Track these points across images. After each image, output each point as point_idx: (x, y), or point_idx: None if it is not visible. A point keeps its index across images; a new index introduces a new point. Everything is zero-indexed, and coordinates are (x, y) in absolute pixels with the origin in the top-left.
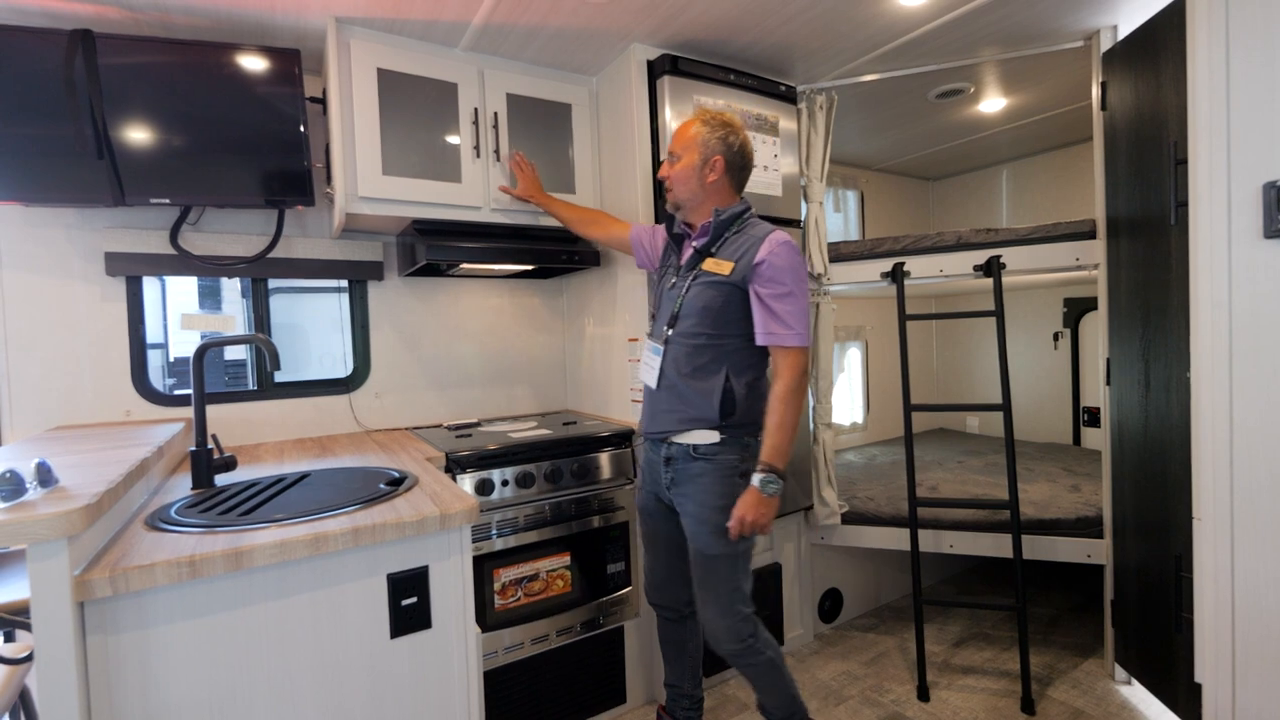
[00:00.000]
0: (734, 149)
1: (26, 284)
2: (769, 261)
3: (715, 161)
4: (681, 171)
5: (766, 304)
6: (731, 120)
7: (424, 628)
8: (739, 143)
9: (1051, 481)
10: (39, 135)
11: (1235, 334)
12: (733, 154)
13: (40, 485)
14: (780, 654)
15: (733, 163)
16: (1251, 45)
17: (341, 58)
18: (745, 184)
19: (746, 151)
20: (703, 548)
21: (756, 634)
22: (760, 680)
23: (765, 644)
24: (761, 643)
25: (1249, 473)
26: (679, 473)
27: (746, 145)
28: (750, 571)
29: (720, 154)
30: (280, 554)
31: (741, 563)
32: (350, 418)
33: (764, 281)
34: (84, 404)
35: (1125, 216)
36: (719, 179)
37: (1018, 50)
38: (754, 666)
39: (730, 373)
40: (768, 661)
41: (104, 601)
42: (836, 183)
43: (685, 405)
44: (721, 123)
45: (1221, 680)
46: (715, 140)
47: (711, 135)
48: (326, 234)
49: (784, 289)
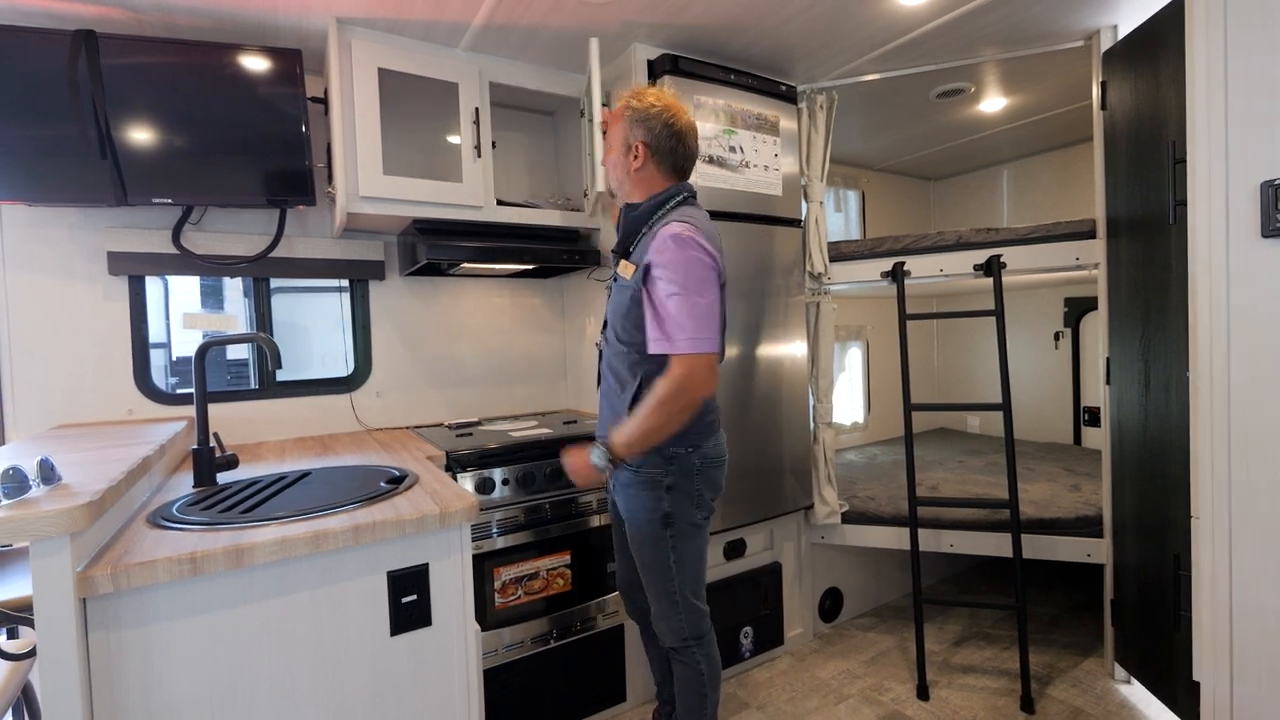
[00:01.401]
0: (655, 129)
1: (30, 283)
2: (654, 262)
3: (636, 148)
4: (610, 161)
5: (654, 307)
6: (658, 100)
7: (424, 625)
8: (662, 123)
9: (1052, 481)
10: (42, 135)
11: (1233, 333)
12: (655, 136)
13: (43, 483)
14: (715, 680)
15: (658, 146)
16: (1250, 45)
17: (343, 58)
18: (685, 165)
19: (675, 127)
20: (640, 557)
21: (700, 640)
22: (685, 688)
23: (705, 657)
24: (702, 653)
25: (1247, 472)
26: (616, 480)
27: (676, 123)
28: (696, 575)
29: (640, 140)
30: (281, 551)
31: (679, 569)
32: (351, 416)
33: (651, 284)
34: (87, 403)
35: (1125, 216)
36: (644, 165)
37: (1018, 50)
38: (687, 668)
39: (645, 381)
40: (697, 674)
41: (106, 598)
42: (837, 182)
43: (613, 413)
44: (646, 104)
45: (1219, 678)
46: (634, 122)
47: (632, 120)
48: (328, 233)
49: (669, 290)
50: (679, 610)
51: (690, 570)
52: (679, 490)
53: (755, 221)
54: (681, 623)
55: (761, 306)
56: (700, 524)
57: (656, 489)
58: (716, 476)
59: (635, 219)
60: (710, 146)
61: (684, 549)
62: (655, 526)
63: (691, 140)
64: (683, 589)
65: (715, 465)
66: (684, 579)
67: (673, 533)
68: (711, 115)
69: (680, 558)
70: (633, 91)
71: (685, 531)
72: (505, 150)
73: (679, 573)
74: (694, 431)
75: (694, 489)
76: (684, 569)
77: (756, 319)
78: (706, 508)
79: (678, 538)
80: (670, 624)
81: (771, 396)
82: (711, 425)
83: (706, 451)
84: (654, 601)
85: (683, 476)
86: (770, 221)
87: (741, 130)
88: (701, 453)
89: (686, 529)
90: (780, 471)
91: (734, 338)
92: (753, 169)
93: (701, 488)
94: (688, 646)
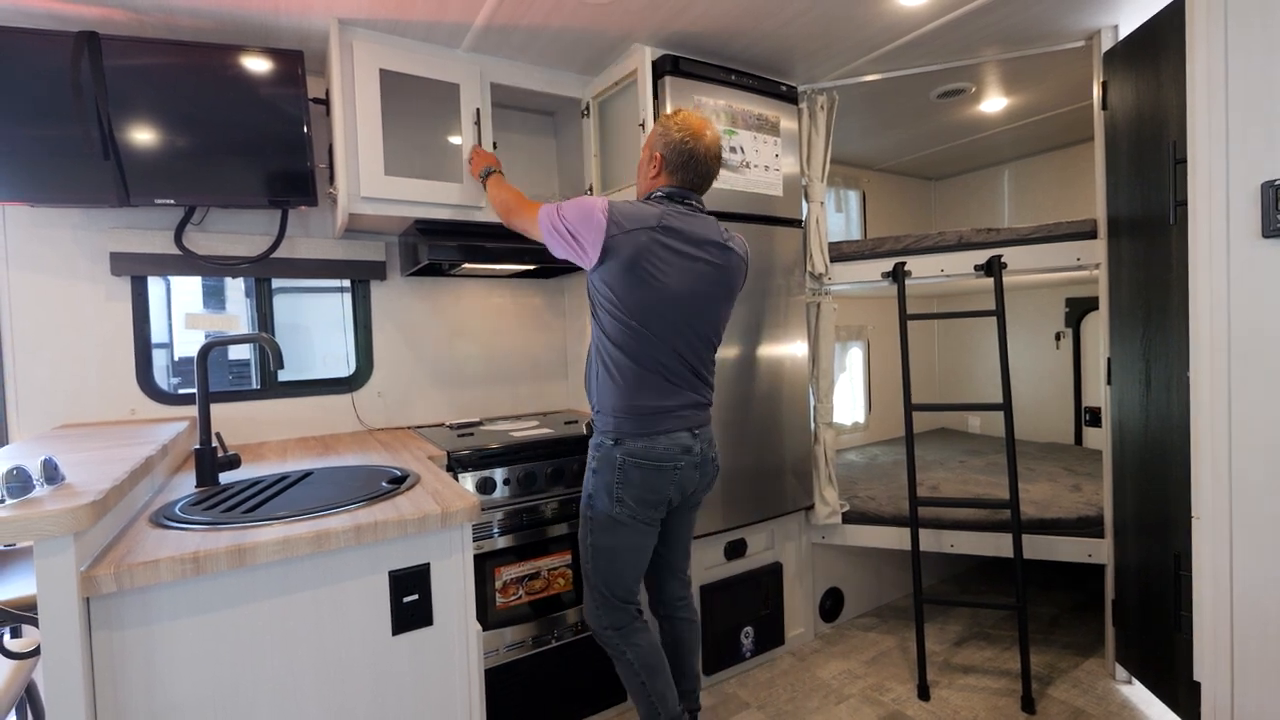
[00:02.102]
0: (672, 147)
1: (33, 284)
2: None
3: (655, 157)
4: (639, 165)
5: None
6: (689, 121)
7: (425, 625)
8: (679, 140)
9: (1053, 481)
10: (45, 136)
11: (1234, 333)
12: (670, 150)
13: (47, 482)
14: (649, 667)
15: (670, 160)
16: (1250, 45)
17: (344, 59)
18: (696, 182)
19: (691, 151)
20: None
21: (621, 630)
22: (623, 679)
23: (631, 645)
24: (626, 642)
25: (1247, 471)
26: None
27: (692, 146)
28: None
29: (659, 150)
30: (283, 551)
31: (593, 554)
32: (353, 417)
33: None
34: (90, 403)
35: (1126, 216)
36: (656, 174)
37: (1019, 50)
38: (617, 659)
39: (595, 358)
40: (626, 663)
41: (109, 597)
42: (838, 182)
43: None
44: (679, 123)
45: (1220, 679)
46: (661, 138)
47: (662, 133)
48: (329, 234)
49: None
50: (595, 597)
51: (605, 562)
52: (600, 478)
53: (756, 222)
54: (600, 611)
55: (762, 307)
56: (620, 520)
57: (589, 470)
58: (648, 479)
59: None
60: None
61: (600, 539)
62: (584, 504)
63: (704, 163)
64: (595, 577)
65: (641, 467)
66: (597, 568)
67: (591, 516)
68: (712, 116)
69: (596, 544)
70: (674, 111)
71: (601, 521)
72: (506, 150)
73: (594, 559)
74: (622, 425)
75: (612, 482)
76: (598, 558)
77: (757, 319)
78: (628, 507)
79: (595, 524)
80: (589, 607)
81: (772, 397)
82: (651, 424)
83: (633, 450)
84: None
85: (604, 465)
86: (771, 222)
87: (742, 131)
88: (626, 449)
89: (604, 520)
90: (781, 472)
91: (734, 338)
92: (753, 169)
93: (621, 484)
94: (607, 634)
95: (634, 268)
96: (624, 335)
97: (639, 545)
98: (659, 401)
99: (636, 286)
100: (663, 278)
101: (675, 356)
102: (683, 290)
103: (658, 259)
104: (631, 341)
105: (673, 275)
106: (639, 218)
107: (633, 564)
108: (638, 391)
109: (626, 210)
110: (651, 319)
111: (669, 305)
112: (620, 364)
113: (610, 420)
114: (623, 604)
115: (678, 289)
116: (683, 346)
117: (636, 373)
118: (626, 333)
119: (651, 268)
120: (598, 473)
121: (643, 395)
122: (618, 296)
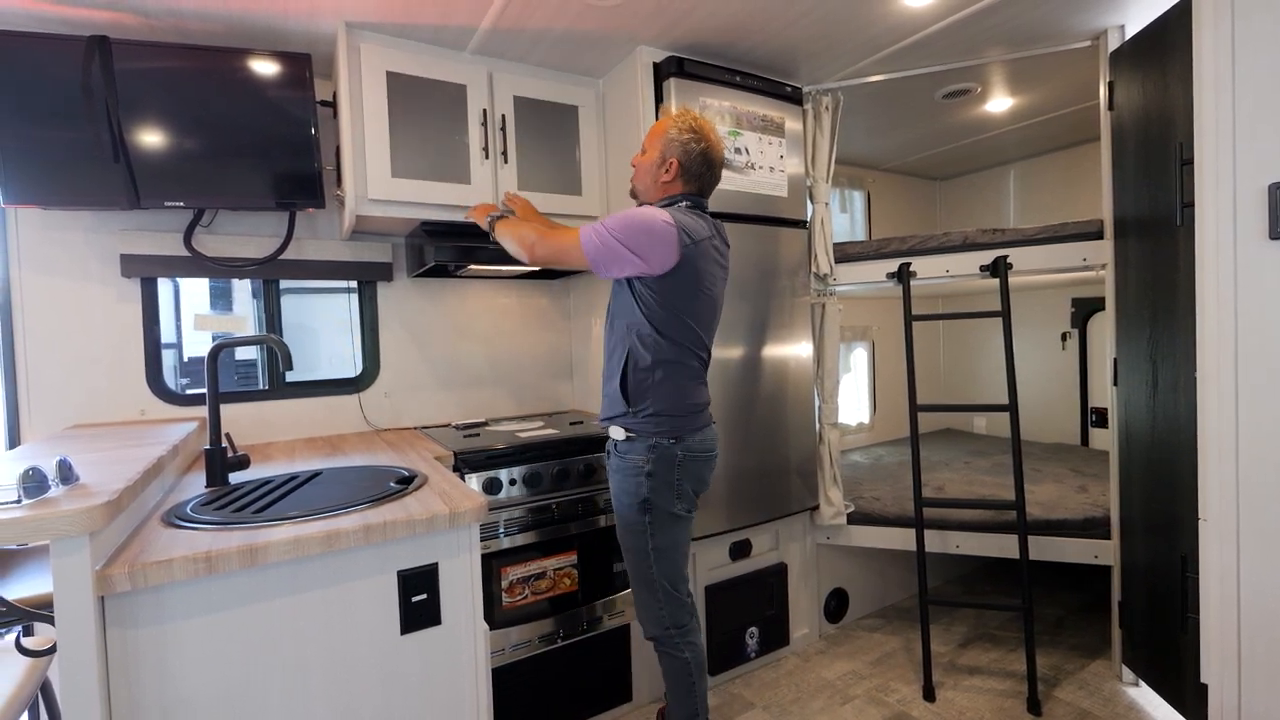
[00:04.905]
0: (692, 155)
1: (45, 285)
2: None
3: (671, 163)
4: (643, 164)
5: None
6: (701, 126)
7: (434, 624)
8: (699, 150)
9: (1059, 482)
10: (57, 139)
11: (1241, 334)
12: (690, 159)
13: (62, 483)
14: (700, 667)
15: (688, 168)
16: (1257, 46)
17: (352, 61)
18: (707, 188)
19: (709, 158)
20: (622, 542)
21: (682, 629)
22: (673, 678)
23: (688, 645)
24: (684, 642)
25: (1254, 473)
26: (606, 466)
27: (710, 152)
28: (674, 566)
29: (676, 157)
30: (294, 550)
31: (656, 558)
32: (360, 417)
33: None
34: (101, 403)
35: (1133, 217)
36: (672, 180)
37: (1024, 50)
38: (672, 659)
39: (629, 355)
40: (683, 662)
41: (123, 596)
42: (843, 183)
43: (606, 394)
44: (691, 127)
45: (1227, 680)
46: (676, 143)
47: (676, 137)
48: (336, 235)
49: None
50: (659, 599)
51: (668, 562)
52: (659, 479)
53: (761, 223)
54: (662, 612)
55: (767, 307)
56: (680, 515)
57: (638, 475)
58: (699, 470)
59: None
60: None
61: (662, 538)
62: (635, 512)
63: (719, 170)
64: (661, 578)
65: (698, 460)
66: (662, 568)
67: (651, 519)
68: (717, 117)
69: (658, 546)
70: (681, 114)
71: (664, 520)
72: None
73: (657, 561)
74: (679, 423)
75: (674, 479)
76: (662, 558)
77: (762, 320)
78: (688, 500)
79: (656, 525)
80: (650, 613)
81: (777, 397)
82: (698, 420)
83: (690, 445)
84: (634, 587)
85: (664, 465)
86: (776, 223)
87: (747, 132)
88: (685, 445)
89: (665, 518)
90: (786, 472)
91: (739, 339)
92: (758, 170)
93: (683, 479)
94: (670, 637)
95: (700, 277)
96: (678, 337)
97: (689, 537)
98: (701, 398)
99: (696, 295)
100: (711, 286)
101: (707, 355)
102: (717, 295)
103: (712, 267)
104: (684, 343)
105: (717, 284)
106: (699, 230)
107: (686, 556)
108: (691, 390)
109: (687, 223)
110: (699, 323)
111: (709, 310)
112: (675, 365)
113: (668, 421)
114: (686, 598)
115: (717, 296)
116: (708, 345)
117: (687, 372)
118: (680, 335)
119: (708, 277)
120: (654, 474)
121: (694, 394)
122: (676, 303)
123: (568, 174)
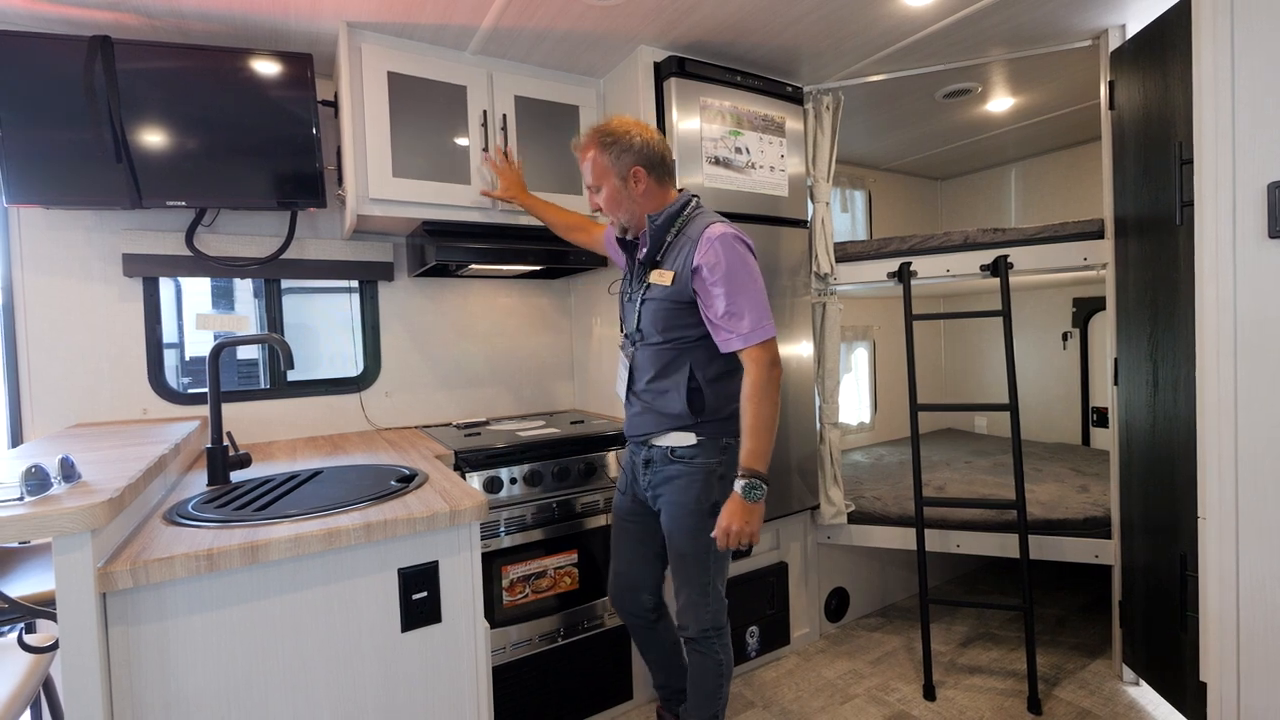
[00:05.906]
0: (645, 152)
1: (47, 285)
2: (703, 265)
3: (635, 173)
4: (609, 199)
5: (714, 308)
6: (623, 125)
7: (434, 622)
8: (643, 142)
9: (1059, 482)
10: (59, 139)
11: (1240, 334)
12: (647, 156)
13: (64, 480)
14: (731, 670)
15: (652, 163)
16: (1257, 46)
17: (353, 62)
18: (674, 173)
19: (659, 143)
20: (678, 547)
21: (721, 631)
22: (702, 678)
23: (724, 648)
24: (721, 644)
25: (1253, 472)
26: (656, 475)
27: (653, 139)
28: (726, 570)
29: (636, 163)
30: (295, 548)
31: (714, 560)
32: (361, 416)
33: (704, 287)
34: (103, 402)
35: (1133, 216)
36: (646, 186)
37: (1025, 50)
38: (705, 659)
39: (694, 368)
40: (716, 664)
41: (125, 593)
42: (844, 182)
43: (658, 408)
44: (619, 135)
45: (1226, 679)
46: (625, 153)
47: (619, 152)
48: (338, 235)
49: (726, 288)
50: (709, 601)
51: (724, 561)
52: (730, 481)
53: (761, 222)
54: (709, 613)
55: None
56: None
57: (710, 479)
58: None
59: (659, 228)
60: (716, 148)
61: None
62: (701, 517)
63: (669, 152)
64: (715, 579)
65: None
66: (718, 569)
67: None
68: (717, 117)
69: (717, 548)
70: (599, 128)
71: None
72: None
73: (714, 562)
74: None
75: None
76: (720, 560)
77: None
78: None
79: None
80: (698, 614)
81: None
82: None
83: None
84: (687, 591)
85: (734, 467)
86: (776, 222)
87: (748, 131)
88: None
89: None
90: (786, 471)
91: None
92: (759, 170)
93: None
94: (709, 637)
95: None
96: None
97: None
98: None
99: None
100: None
101: None
102: None
103: None
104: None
105: None
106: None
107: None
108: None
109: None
110: None
111: None
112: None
113: (734, 423)
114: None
115: None
116: None
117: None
118: None
119: None
120: (726, 476)
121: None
122: None
123: (568, 174)
